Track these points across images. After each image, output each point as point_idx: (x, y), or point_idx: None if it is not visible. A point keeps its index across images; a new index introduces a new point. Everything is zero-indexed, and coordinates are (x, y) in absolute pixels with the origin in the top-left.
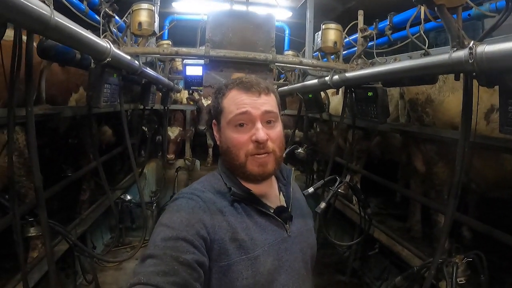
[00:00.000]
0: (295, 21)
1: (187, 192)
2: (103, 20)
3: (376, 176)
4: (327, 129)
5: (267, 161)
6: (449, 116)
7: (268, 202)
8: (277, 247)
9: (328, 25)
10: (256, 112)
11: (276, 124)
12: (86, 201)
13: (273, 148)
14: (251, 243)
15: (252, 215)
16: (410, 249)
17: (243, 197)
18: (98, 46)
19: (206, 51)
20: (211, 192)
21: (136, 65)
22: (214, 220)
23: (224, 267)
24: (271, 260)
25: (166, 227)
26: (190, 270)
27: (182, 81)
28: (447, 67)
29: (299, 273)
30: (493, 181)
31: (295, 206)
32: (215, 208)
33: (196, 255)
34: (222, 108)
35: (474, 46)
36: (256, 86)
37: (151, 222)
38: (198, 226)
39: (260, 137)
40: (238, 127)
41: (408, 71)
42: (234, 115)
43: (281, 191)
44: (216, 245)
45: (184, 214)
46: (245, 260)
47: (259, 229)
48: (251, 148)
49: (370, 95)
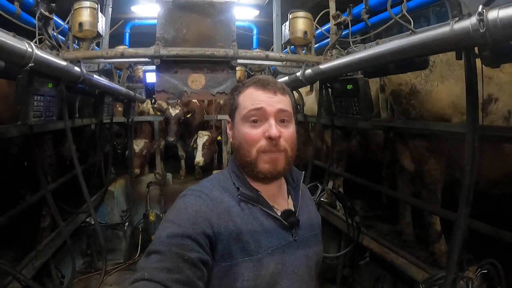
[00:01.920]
0: (263, 20)
1: (195, 189)
2: (39, 23)
3: (360, 179)
4: (303, 131)
5: (278, 158)
6: (440, 108)
7: (276, 204)
8: (281, 251)
9: (296, 14)
10: (271, 109)
11: (290, 124)
12: (47, 228)
13: (285, 147)
14: (255, 245)
15: (258, 217)
16: (406, 257)
17: (251, 198)
18: (14, 49)
19: (156, 50)
20: (219, 191)
21: (76, 72)
22: (220, 219)
23: (226, 267)
24: (274, 264)
25: (173, 224)
26: (194, 268)
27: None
28: (449, 43)
29: (303, 278)
30: (494, 177)
31: (303, 211)
32: (222, 207)
33: (200, 254)
34: (237, 104)
35: (485, 11)
36: (273, 84)
37: (124, 244)
38: (204, 225)
39: (273, 133)
40: (252, 123)
41: (396, 54)
42: (249, 110)
43: (290, 194)
44: (220, 245)
45: (191, 211)
46: (247, 261)
47: (265, 231)
48: (263, 144)
49: (349, 88)
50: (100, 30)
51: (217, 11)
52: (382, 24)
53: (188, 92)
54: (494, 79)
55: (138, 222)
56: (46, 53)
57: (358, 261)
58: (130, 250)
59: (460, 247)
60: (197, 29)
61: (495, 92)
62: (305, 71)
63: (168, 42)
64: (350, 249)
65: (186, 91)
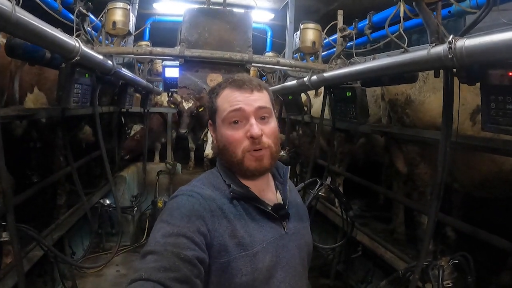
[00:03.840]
0: (278, 23)
1: (186, 190)
2: (77, 19)
3: (358, 178)
4: (309, 131)
5: (263, 156)
6: (431, 117)
7: (266, 199)
8: (275, 244)
9: (306, 25)
10: (250, 108)
11: (270, 120)
12: (63, 205)
13: (268, 144)
14: (250, 240)
15: (251, 212)
16: (394, 252)
17: (242, 194)
18: (66, 44)
19: (181, 51)
20: (210, 189)
21: (109, 65)
22: (214, 217)
23: (224, 264)
24: (270, 257)
25: (167, 224)
26: (191, 266)
27: (162, 83)
28: (426, 63)
29: (296, 270)
30: (478, 181)
31: (292, 204)
32: (215, 205)
33: (196, 252)
34: (216, 107)
35: (454, 40)
36: (248, 83)
37: (131, 227)
38: (199, 223)
39: (255, 133)
40: (233, 124)
41: (387, 69)
42: (228, 112)
43: (278, 189)
44: (216, 242)
45: (184, 211)
46: (244, 256)
47: (258, 226)
48: (247, 144)
49: (348, 95)
50: (131, 28)
51: (236, 19)
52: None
53: (206, 89)
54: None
55: (147, 208)
56: (89, 48)
57: (351, 255)
58: (137, 234)
59: (431, 237)
60: (217, 34)
61: None
62: (312, 77)
63: (191, 44)
64: (344, 242)
65: (205, 88)
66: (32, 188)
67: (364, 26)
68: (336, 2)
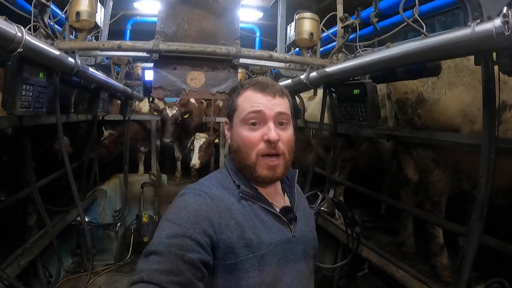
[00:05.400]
0: (266, 22)
1: (194, 188)
2: (35, 10)
3: (363, 188)
4: (304, 137)
5: (277, 165)
6: (447, 117)
7: (274, 202)
8: (282, 247)
9: (302, 14)
10: (270, 112)
11: (288, 127)
12: (33, 226)
13: (283, 150)
14: (257, 241)
15: (259, 214)
16: (407, 270)
17: (251, 195)
18: (2, 31)
19: (155, 44)
20: (218, 189)
21: (70, 62)
22: (222, 218)
23: (231, 266)
24: (277, 260)
25: (172, 223)
26: (194, 269)
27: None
28: (469, 46)
29: (304, 273)
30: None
31: (299, 207)
32: (222, 205)
33: (201, 254)
34: (236, 106)
35: (510, 13)
36: (272, 87)
37: (115, 244)
38: (205, 224)
39: (272, 137)
40: (251, 125)
41: (409, 57)
42: (248, 113)
43: (286, 192)
44: (223, 243)
45: (191, 211)
46: (252, 258)
47: (266, 228)
48: (262, 147)
49: (356, 93)
50: (98, 21)
51: (220, 8)
52: (391, 28)
53: (186, 90)
54: (509, 84)
55: (131, 223)
56: (38, 40)
57: (355, 272)
58: (121, 251)
59: (471, 264)
60: (199, 25)
61: (510, 98)
62: (310, 74)
63: (168, 37)
64: (349, 260)
65: (185, 88)
66: None
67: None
68: None
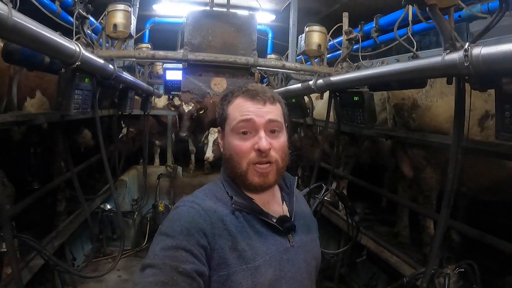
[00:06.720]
0: (279, 24)
1: (188, 200)
2: (76, 22)
3: (363, 182)
4: (311, 134)
5: (268, 172)
6: (438, 122)
7: (271, 211)
8: (279, 258)
9: (312, 27)
10: (260, 120)
11: (280, 134)
12: (63, 212)
13: (275, 158)
14: (251, 252)
15: (254, 225)
16: (399, 256)
17: (245, 206)
18: (66, 49)
19: (184, 54)
20: (212, 201)
21: (110, 69)
22: (215, 229)
23: (224, 277)
24: (272, 271)
25: (166, 236)
26: (190, 280)
27: (162, 86)
28: (440, 70)
29: (302, 284)
30: (487, 185)
31: (299, 216)
32: (215, 216)
33: (195, 265)
34: (226, 114)
35: (470, 48)
36: (262, 94)
37: (132, 232)
38: (198, 235)
39: (263, 146)
40: (242, 134)
41: (398, 75)
42: (238, 122)
43: (284, 200)
44: (216, 254)
45: (184, 223)
46: (245, 270)
47: (261, 238)
48: (253, 156)
49: (356, 100)
50: (132, 31)
51: (240, 22)
52: (390, 42)
53: (210, 94)
54: (492, 96)
55: (147, 211)
56: (89, 53)
57: (355, 259)
58: (138, 238)
59: (439, 245)
60: (221, 37)
61: (492, 108)
62: (317, 81)
63: (194, 47)
64: (349, 247)
65: (209, 92)
66: (32, 195)
67: (370, 29)
68: (337, 3)
